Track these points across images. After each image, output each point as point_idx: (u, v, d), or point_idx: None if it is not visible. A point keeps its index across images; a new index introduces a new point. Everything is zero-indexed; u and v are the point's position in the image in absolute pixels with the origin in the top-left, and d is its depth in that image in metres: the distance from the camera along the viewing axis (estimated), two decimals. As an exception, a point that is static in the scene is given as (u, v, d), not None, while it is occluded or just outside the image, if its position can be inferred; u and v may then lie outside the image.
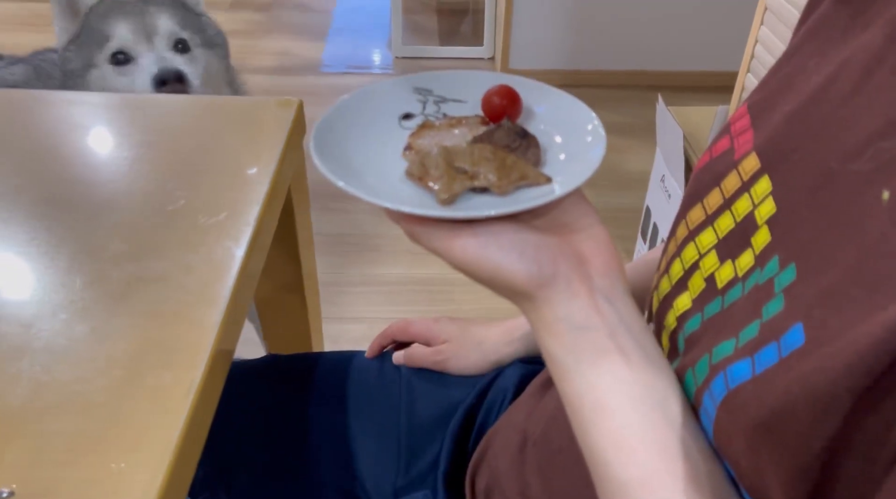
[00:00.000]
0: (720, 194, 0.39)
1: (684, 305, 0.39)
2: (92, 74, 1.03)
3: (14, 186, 0.65)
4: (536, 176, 0.40)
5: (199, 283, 0.56)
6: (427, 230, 0.37)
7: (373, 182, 0.40)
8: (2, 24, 2.77)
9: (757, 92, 0.42)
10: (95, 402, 0.47)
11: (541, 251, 0.36)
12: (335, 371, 0.71)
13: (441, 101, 0.47)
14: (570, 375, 0.36)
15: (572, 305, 0.36)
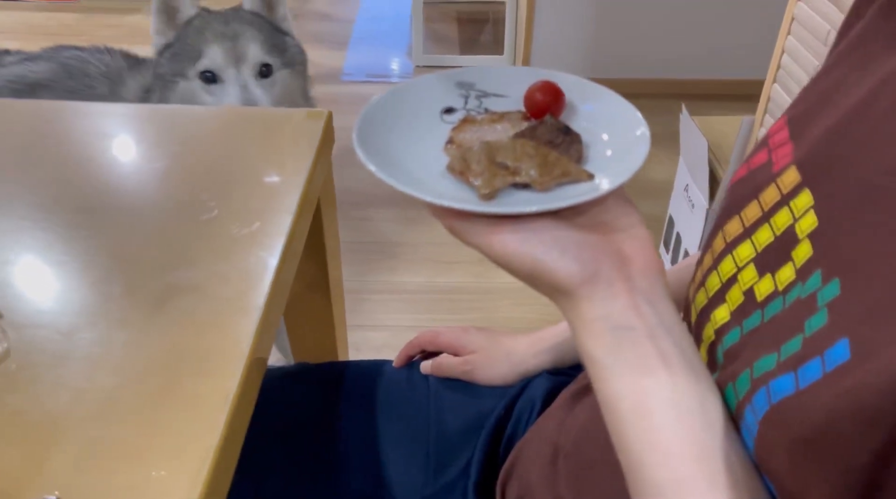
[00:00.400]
0: (758, 207, 0.39)
1: (722, 318, 0.39)
2: (181, 85, 1.08)
3: (51, 196, 0.66)
4: (578, 173, 0.39)
5: (234, 292, 0.57)
6: (467, 225, 0.37)
7: (414, 175, 0.40)
8: (29, 35, 2.82)
9: (795, 105, 0.42)
10: (135, 409, 0.47)
11: (582, 249, 0.36)
12: (364, 379, 0.71)
13: (483, 95, 0.47)
14: (608, 375, 0.36)
15: (612, 304, 0.36)
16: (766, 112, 1.21)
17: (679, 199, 1.57)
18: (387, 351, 1.61)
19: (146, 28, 1.15)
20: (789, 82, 1.13)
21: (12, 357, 0.51)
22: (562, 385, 0.67)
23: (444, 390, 0.69)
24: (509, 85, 0.47)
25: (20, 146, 0.73)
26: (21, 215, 0.64)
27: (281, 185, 0.69)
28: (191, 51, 1.07)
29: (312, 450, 0.67)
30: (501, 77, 0.47)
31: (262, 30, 1.10)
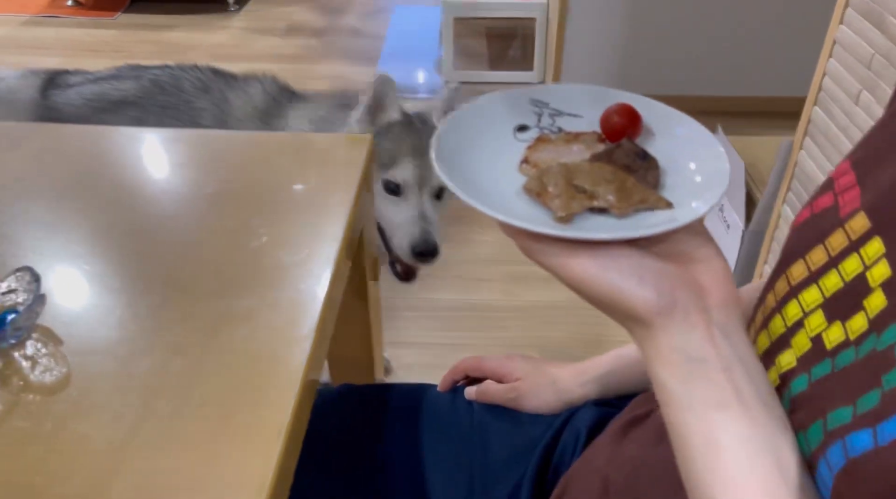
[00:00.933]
0: (825, 252, 0.39)
1: (788, 364, 0.38)
2: None
3: (107, 222, 0.68)
4: (657, 200, 0.39)
5: (285, 320, 0.58)
6: (543, 247, 0.37)
7: (489, 193, 0.40)
8: (68, 50, 2.89)
9: (861, 148, 0.42)
10: (192, 440, 0.48)
11: (661, 279, 0.36)
12: (409, 403, 0.72)
13: (557, 114, 0.47)
14: (680, 406, 0.36)
15: (689, 336, 0.35)
16: (805, 134, 1.20)
17: (714, 219, 1.56)
18: (417, 369, 1.62)
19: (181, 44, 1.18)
20: (830, 105, 1.12)
21: (73, 383, 0.52)
22: (607, 416, 0.66)
23: (488, 417, 0.70)
24: (584, 105, 0.46)
25: (74, 171, 0.75)
26: (77, 241, 0.65)
27: (327, 211, 0.70)
28: (384, 155, 1.10)
29: (357, 473, 0.68)
30: (576, 96, 0.47)
31: None
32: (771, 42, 2.33)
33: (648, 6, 2.29)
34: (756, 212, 1.36)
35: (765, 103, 2.43)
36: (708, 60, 2.38)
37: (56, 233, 0.66)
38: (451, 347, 1.61)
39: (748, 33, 2.31)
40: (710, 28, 2.31)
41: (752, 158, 1.44)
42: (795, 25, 2.27)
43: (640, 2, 2.28)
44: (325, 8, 3.35)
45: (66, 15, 3.17)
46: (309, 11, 3.31)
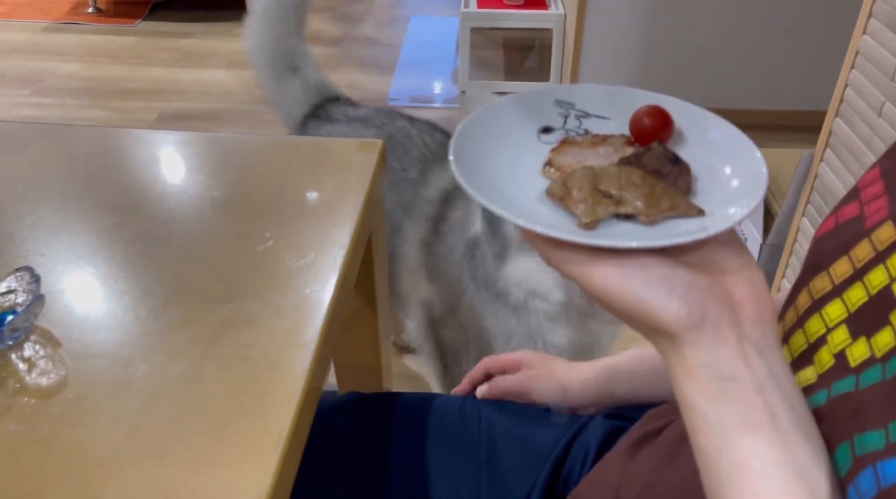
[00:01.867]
0: (849, 264, 0.37)
1: (808, 380, 0.36)
2: None
3: (112, 224, 0.67)
4: (688, 207, 0.37)
5: (288, 326, 0.57)
6: (566, 255, 0.35)
7: (510, 197, 0.38)
8: (88, 57, 2.92)
9: (890, 156, 0.40)
10: (190, 447, 0.47)
11: (691, 290, 0.33)
12: (416, 412, 0.71)
13: (583, 116, 0.45)
14: (708, 427, 0.33)
15: (719, 352, 0.33)
16: (826, 146, 1.17)
17: (730, 232, 1.54)
18: (423, 378, 1.60)
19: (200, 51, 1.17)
20: (853, 117, 1.10)
21: (70, 387, 0.51)
22: (618, 430, 0.64)
23: (497, 429, 0.68)
24: (612, 107, 0.44)
25: (83, 173, 0.75)
26: (82, 243, 0.65)
27: (335, 215, 0.69)
28: None
29: (362, 481, 0.67)
30: (604, 98, 0.45)
31: None
32: (790, 55, 2.30)
33: (666, 18, 2.27)
34: (774, 225, 1.33)
35: (784, 117, 2.40)
36: (726, 74, 2.36)
37: (60, 234, 0.66)
38: (461, 358, 1.59)
39: (767, 46, 2.29)
40: (728, 42, 2.29)
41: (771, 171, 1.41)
42: (817, 38, 2.25)
43: (657, 13, 2.26)
44: (342, 17, 3.36)
45: (86, 22, 3.20)
46: (326, 21, 3.32)
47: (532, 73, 2.83)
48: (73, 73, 2.80)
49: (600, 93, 0.45)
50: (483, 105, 0.43)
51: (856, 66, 1.08)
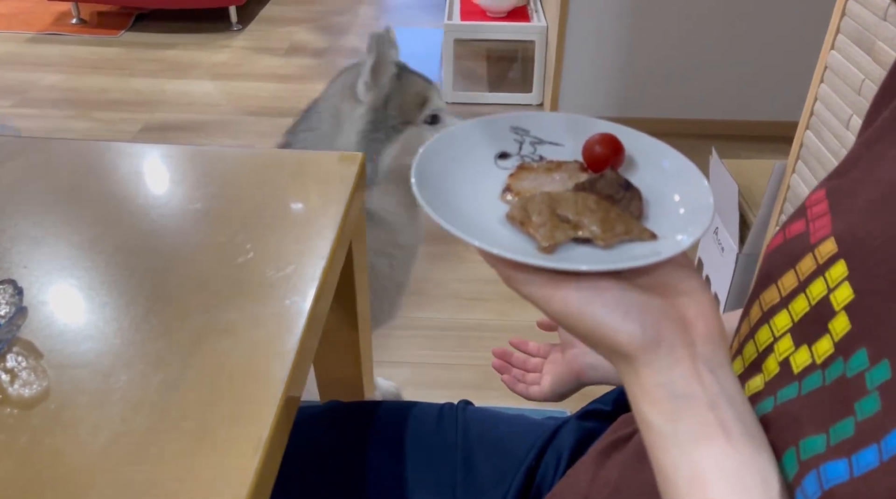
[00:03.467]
0: (795, 277, 0.39)
1: (756, 387, 0.38)
2: (408, 130, 1.17)
3: (93, 236, 0.68)
4: (641, 231, 0.38)
5: (267, 335, 0.58)
6: (526, 277, 0.36)
7: (471, 221, 0.39)
8: (72, 68, 2.91)
9: (835, 177, 0.42)
10: (168, 454, 0.48)
11: (645, 313, 0.35)
12: (394, 421, 0.72)
13: (538, 142, 0.46)
14: (666, 444, 0.35)
15: (673, 371, 0.35)
16: (798, 158, 1.20)
17: (708, 242, 1.56)
18: (410, 388, 1.61)
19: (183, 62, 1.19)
20: (822, 130, 1.13)
21: (52, 397, 0.52)
22: (590, 434, 0.66)
23: (472, 435, 0.69)
24: (565, 134, 0.46)
25: (65, 185, 0.76)
26: (64, 255, 0.66)
27: (315, 228, 0.70)
28: (416, 99, 1.17)
29: (339, 489, 0.67)
30: (557, 125, 0.47)
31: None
32: (765, 67, 2.35)
33: (645, 31, 2.31)
34: (750, 235, 1.36)
35: (760, 127, 2.44)
36: (704, 85, 2.40)
37: (42, 246, 0.67)
38: (444, 367, 1.60)
39: (743, 58, 2.34)
40: (706, 53, 2.34)
41: (747, 181, 1.44)
42: (789, 50, 2.30)
43: (637, 27, 2.30)
44: (327, 29, 3.38)
45: (70, 33, 3.20)
46: (310, 32, 3.34)
47: (516, 85, 2.86)
48: (57, 83, 2.79)
49: (555, 120, 0.47)
50: (442, 131, 0.45)
51: (824, 81, 1.11)
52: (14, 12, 3.41)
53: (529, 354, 0.79)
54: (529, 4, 2.78)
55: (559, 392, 0.72)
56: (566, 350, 0.73)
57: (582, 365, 0.70)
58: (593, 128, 0.45)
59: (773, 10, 2.24)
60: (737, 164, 1.48)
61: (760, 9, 2.24)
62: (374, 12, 3.60)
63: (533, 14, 2.69)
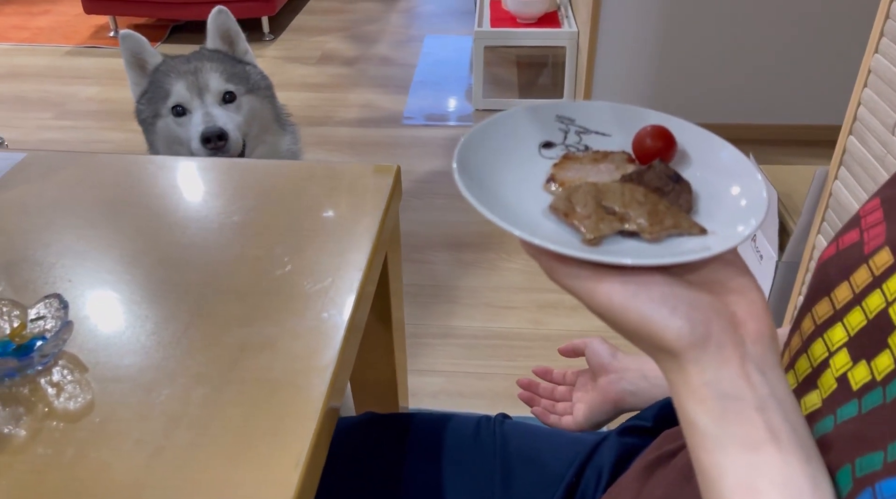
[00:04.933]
0: (849, 289, 0.38)
1: (813, 404, 0.37)
2: (159, 123, 1.22)
3: (136, 249, 0.69)
4: (690, 225, 0.37)
5: (306, 349, 0.58)
6: (569, 270, 0.35)
7: (513, 210, 0.38)
8: (108, 80, 2.98)
9: (890, 186, 0.41)
10: (210, 469, 0.48)
11: (694, 309, 0.34)
12: (431, 433, 0.71)
13: (583, 132, 0.45)
14: (711, 445, 0.33)
15: (722, 370, 0.33)
16: (840, 164, 1.17)
17: (746, 249, 1.53)
18: (443, 397, 1.60)
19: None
20: (866, 135, 1.10)
21: (96, 410, 0.52)
22: (630, 450, 0.65)
23: (511, 450, 0.68)
24: (612, 123, 0.45)
25: (108, 199, 0.77)
26: (107, 268, 0.67)
27: (351, 239, 0.70)
28: (161, 92, 1.21)
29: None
30: (604, 114, 0.45)
31: (223, 62, 1.24)
32: (806, 69, 2.30)
33: (679, 34, 2.28)
34: (790, 242, 1.33)
35: (799, 131, 2.39)
36: (740, 88, 2.36)
37: (86, 260, 0.68)
38: (476, 377, 1.60)
39: (781, 60, 2.29)
40: (742, 56, 2.30)
41: (786, 188, 1.41)
42: (830, 52, 2.25)
43: (670, 29, 2.28)
44: (358, 38, 3.41)
45: (107, 45, 3.27)
46: (341, 41, 3.37)
47: (546, 91, 2.85)
48: (94, 95, 2.86)
49: (602, 109, 0.46)
50: (485, 119, 0.44)
51: (868, 85, 1.08)
52: (54, 26, 3.50)
53: (555, 383, 0.77)
54: (560, 10, 2.77)
55: (595, 422, 0.71)
56: (598, 377, 0.71)
57: (620, 392, 0.69)
58: (641, 118, 0.44)
59: (814, 10, 2.19)
60: (776, 169, 1.45)
61: (800, 9, 2.19)
62: (404, 20, 3.62)
63: (563, 20, 2.68)
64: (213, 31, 1.25)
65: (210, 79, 1.20)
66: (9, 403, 0.53)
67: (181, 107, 1.20)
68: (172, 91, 1.19)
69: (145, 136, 1.26)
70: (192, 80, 1.19)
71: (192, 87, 1.19)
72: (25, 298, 0.60)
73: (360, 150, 2.48)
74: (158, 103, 1.21)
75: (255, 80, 1.28)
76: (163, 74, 1.21)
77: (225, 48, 1.27)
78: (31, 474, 0.48)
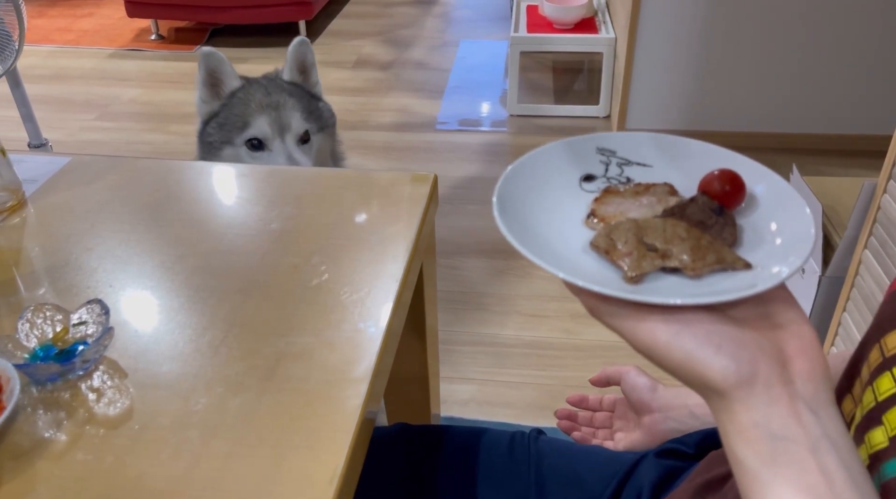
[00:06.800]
0: None
1: (879, 443, 0.35)
2: (226, 151, 1.17)
3: (175, 256, 0.70)
4: (734, 260, 0.36)
5: (342, 361, 0.58)
6: (612, 309, 0.35)
7: (553, 249, 0.38)
8: (149, 82, 3.03)
9: None
10: (245, 480, 0.48)
11: (740, 347, 0.33)
12: (465, 447, 0.70)
13: (625, 163, 0.45)
14: (761, 487, 0.32)
15: (771, 410, 0.33)
16: (890, 177, 1.14)
17: (787, 262, 1.49)
18: (473, 405, 1.59)
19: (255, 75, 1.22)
20: (917, 148, 1.06)
21: (135, 418, 0.53)
22: (671, 471, 0.63)
23: (545, 466, 0.67)
24: (653, 154, 0.44)
25: (149, 204, 0.78)
26: (147, 274, 0.67)
27: (388, 249, 0.70)
28: (237, 120, 1.15)
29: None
30: (644, 145, 0.45)
31: (301, 98, 1.19)
32: (852, 77, 2.24)
33: (719, 40, 2.24)
34: (834, 257, 1.29)
35: (846, 141, 2.33)
36: (784, 96, 2.30)
37: (127, 266, 0.68)
38: (507, 385, 1.58)
39: (826, 67, 2.23)
40: (786, 62, 2.25)
41: (831, 200, 1.37)
42: (878, 59, 2.19)
43: (710, 36, 2.24)
44: (394, 42, 3.42)
45: (149, 48, 3.34)
46: (377, 45, 3.38)
47: (582, 97, 2.83)
48: (136, 97, 2.91)
49: (642, 140, 0.45)
50: (525, 154, 0.44)
51: (921, 96, 1.05)
52: (97, 29, 3.58)
53: (591, 410, 0.76)
54: (597, 16, 2.74)
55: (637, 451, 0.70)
56: (641, 415, 0.70)
57: (665, 432, 0.67)
58: (684, 148, 0.44)
59: (861, 16, 2.13)
60: (820, 181, 1.41)
61: (847, 14, 2.13)
62: (440, 25, 3.63)
63: (601, 25, 2.65)
64: (291, 61, 1.21)
65: (292, 118, 1.16)
66: (51, 407, 0.53)
67: (259, 141, 1.16)
68: (253, 124, 1.14)
69: (201, 154, 1.21)
70: (274, 117, 1.15)
71: (274, 124, 1.15)
72: (67, 303, 0.61)
73: (394, 155, 2.49)
74: (232, 132, 1.16)
75: (325, 118, 1.24)
76: (241, 102, 1.16)
77: (300, 79, 1.23)
78: (72, 481, 0.48)
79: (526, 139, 2.57)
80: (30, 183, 0.80)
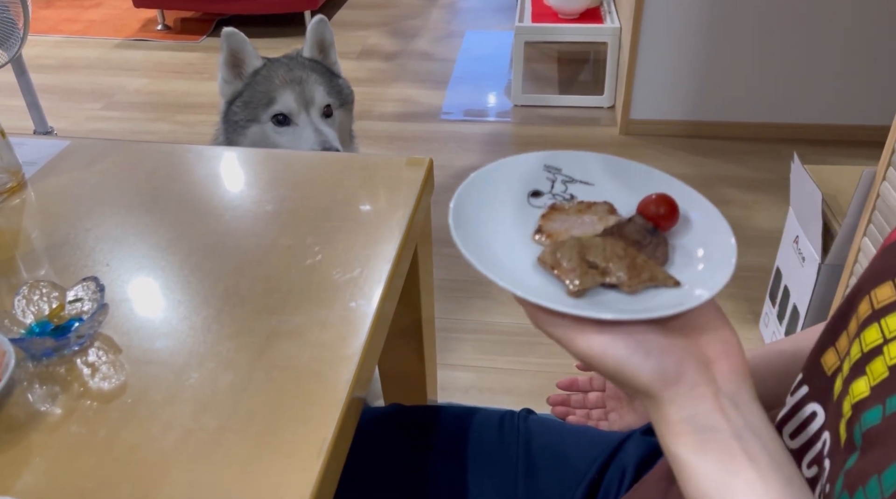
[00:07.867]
0: None
1: (861, 393, 0.36)
2: (252, 128, 1.19)
3: (172, 237, 0.71)
4: (665, 278, 0.41)
5: (333, 338, 0.58)
6: (552, 319, 0.38)
7: (503, 262, 0.42)
8: (155, 72, 3.05)
9: None
10: (236, 454, 0.49)
11: (666, 353, 0.37)
12: (456, 427, 0.71)
13: (569, 181, 0.49)
14: (694, 477, 0.36)
15: (697, 406, 0.36)
16: (889, 165, 1.13)
17: (788, 250, 1.49)
18: (473, 392, 1.60)
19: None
20: (917, 135, 1.06)
21: (128, 392, 0.54)
22: (656, 449, 0.64)
23: (534, 445, 0.68)
24: (596, 173, 0.48)
25: (147, 187, 0.79)
26: (143, 254, 0.68)
27: (382, 231, 0.71)
28: (262, 97, 1.18)
29: (401, 493, 0.67)
30: (589, 164, 0.49)
31: (323, 74, 1.22)
32: (852, 68, 2.23)
33: (723, 31, 2.23)
34: (834, 245, 1.29)
35: (846, 131, 2.32)
36: (786, 86, 2.30)
37: (124, 246, 0.69)
38: (507, 373, 1.59)
39: (828, 58, 2.22)
40: (787, 53, 2.24)
41: (831, 189, 1.37)
42: (878, 51, 2.17)
43: (715, 26, 2.23)
44: (398, 32, 3.42)
45: (155, 38, 3.35)
46: (382, 36, 3.38)
47: (587, 87, 2.82)
48: (142, 87, 2.92)
49: (585, 159, 0.49)
50: (476, 170, 0.47)
51: (921, 83, 1.04)
52: (104, 19, 3.59)
53: (582, 391, 0.78)
54: (602, 5, 2.73)
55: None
56: (633, 399, 0.71)
57: None
58: (625, 169, 0.48)
59: (862, 8, 2.12)
60: (820, 170, 1.41)
61: (848, 6, 2.12)
62: (445, 15, 3.62)
63: (606, 15, 2.64)
64: (311, 39, 1.23)
65: (316, 91, 1.18)
66: (46, 381, 0.54)
67: (285, 116, 1.18)
68: (278, 99, 1.17)
69: (226, 135, 1.23)
70: (298, 91, 1.17)
71: (299, 99, 1.17)
72: (65, 281, 0.62)
73: (399, 144, 2.49)
74: (258, 109, 1.18)
75: (346, 94, 1.27)
76: (265, 80, 1.18)
77: (319, 57, 1.25)
78: (65, 452, 0.49)
79: (530, 129, 2.57)
80: (29, 165, 0.82)
